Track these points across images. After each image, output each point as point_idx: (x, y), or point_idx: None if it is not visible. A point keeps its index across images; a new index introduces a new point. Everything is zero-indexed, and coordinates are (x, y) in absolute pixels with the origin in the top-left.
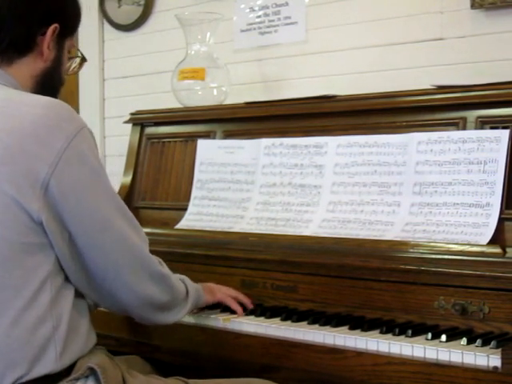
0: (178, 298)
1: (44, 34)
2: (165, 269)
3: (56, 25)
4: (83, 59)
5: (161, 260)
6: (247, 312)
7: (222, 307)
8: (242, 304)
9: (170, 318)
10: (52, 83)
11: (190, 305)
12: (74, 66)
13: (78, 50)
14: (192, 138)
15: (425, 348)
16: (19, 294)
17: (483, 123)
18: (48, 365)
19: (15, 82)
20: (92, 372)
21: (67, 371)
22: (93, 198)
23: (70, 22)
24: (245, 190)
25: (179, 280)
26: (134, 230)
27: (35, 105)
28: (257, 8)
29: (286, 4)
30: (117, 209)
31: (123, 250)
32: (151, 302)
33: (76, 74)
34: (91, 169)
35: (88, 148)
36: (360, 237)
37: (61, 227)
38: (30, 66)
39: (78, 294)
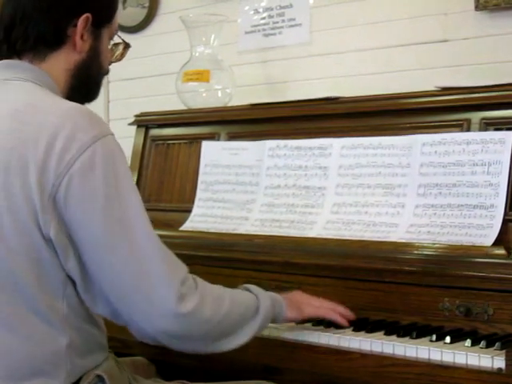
0: (228, 326)
1: (75, 25)
2: (193, 300)
3: (87, 14)
4: (126, 45)
5: (198, 282)
6: None
7: None
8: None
9: (222, 346)
10: (89, 75)
11: (259, 325)
12: (117, 53)
13: (119, 36)
14: (196, 139)
15: (429, 349)
16: (31, 310)
17: (487, 125)
18: (57, 381)
19: (48, 77)
20: (100, 379)
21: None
22: (99, 213)
23: (103, 9)
24: (249, 192)
25: (237, 300)
26: (155, 253)
27: (53, 112)
28: (261, 10)
29: (291, 6)
30: (132, 229)
31: (133, 276)
32: (177, 337)
33: (120, 61)
34: (102, 182)
35: (103, 160)
36: (364, 238)
37: (67, 242)
38: (64, 60)
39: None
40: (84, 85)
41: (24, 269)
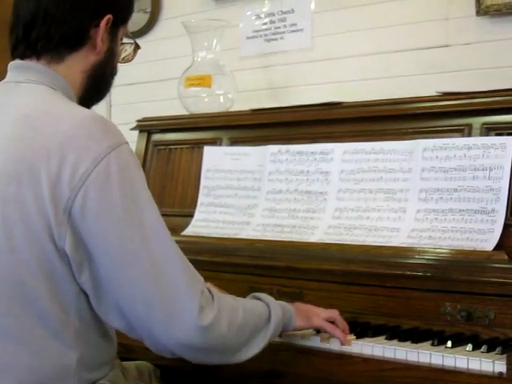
0: (244, 336)
1: (97, 25)
2: (212, 312)
3: (109, 15)
4: (137, 46)
5: (214, 294)
6: None
7: None
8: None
9: (236, 357)
10: (103, 76)
11: (270, 334)
12: (126, 54)
13: (131, 36)
14: (198, 144)
15: (430, 354)
16: (42, 323)
17: (488, 130)
18: None
19: (63, 80)
20: None
21: None
22: (117, 226)
23: (123, 11)
24: (251, 197)
25: (251, 310)
26: (176, 264)
27: (66, 121)
28: (263, 15)
29: (292, 11)
30: (150, 240)
31: (153, 288)
32: (196, 349)
33: (130, 61)
34: (119, 194)
35: (118, 171)
36: (366, 243)
37: (83, 256)
38: (81, 61)
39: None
40: (98, 86)
41: (36, 281)
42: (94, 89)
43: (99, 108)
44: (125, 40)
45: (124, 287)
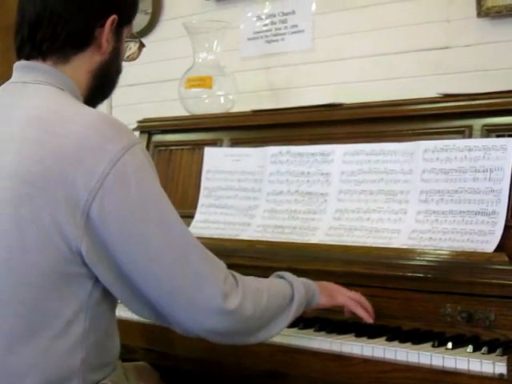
0: (267, 318)
1: (102, 26)
2: (238, 297)
3: (114, 16)
4: (141, 45)
5: (238, 278)
6: None
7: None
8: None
9: (261, 336)
10: (109, 75)
11: (293, 313)
12: (131, 52)
13: (136, 35)
14: (199, 145)
15: (431, 355)
16: (50, 324)
17: (489, 131)
18: None
19: (71, 81)
20: None
21: None
22: (138, 226)
23: (127, 11)
24: (252, 198)
25: (274, 291)
26: (197, 255)
27: (79, 122)
28: (264, 16)
29: (293, 12)
30: (171, 233)
31: (178, 280)
32: (221, 333)
33: (135, 60)
34: (137, 194)
35: (134, 171)
36: (366, 244)
37: (103, 256)
38: (87, 61)
39: (115, 324)
40: (103, 85)
41: (47, 282)
42: (100, 88)
43: (100, 109)
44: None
45: (149, 282)
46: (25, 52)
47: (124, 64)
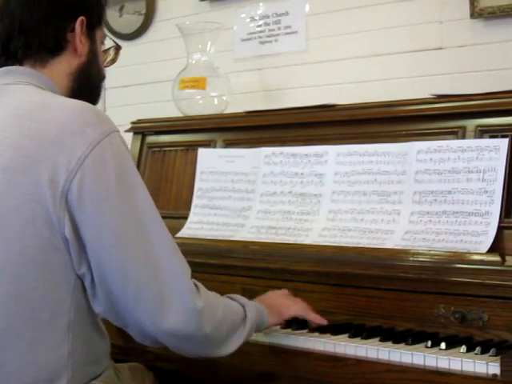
0: (223, 332)
1: (73, 29)
2: (201, 300)
3: (82, 17)
4: (118, 47)
5: (199, 285)
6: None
7: None
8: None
9: (215, 351)
10: (89, 78)
11: (246, 334)
12: (109, 57)
13: (111, 38)
14: (193, 146)
15: (424, 356)
16: (36, 315)
17: (482, 132)
18: None
19: (51, 83)
20: None
21: None
22: (112, 209)
23: (94, 11)
24: (245, 199)
25: (229, 307)
26: (168, 248)
27: (60, 108)
28: (257, 17)
29: (287, 13)
30: (144, 223)
31: (146, 271)
32: (182, 337)
33: (113, 63)
34: (114, 178)
35: (113, 156)
36: (360, 245)
37: (78, 240)
38: (65, 64)
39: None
40: (85, 89)
41: (31, 272)
42: (84, 91)
43: None
44: (107, 45)
45: (117, 269)
46: (0, 64)
47: (117, 65)
